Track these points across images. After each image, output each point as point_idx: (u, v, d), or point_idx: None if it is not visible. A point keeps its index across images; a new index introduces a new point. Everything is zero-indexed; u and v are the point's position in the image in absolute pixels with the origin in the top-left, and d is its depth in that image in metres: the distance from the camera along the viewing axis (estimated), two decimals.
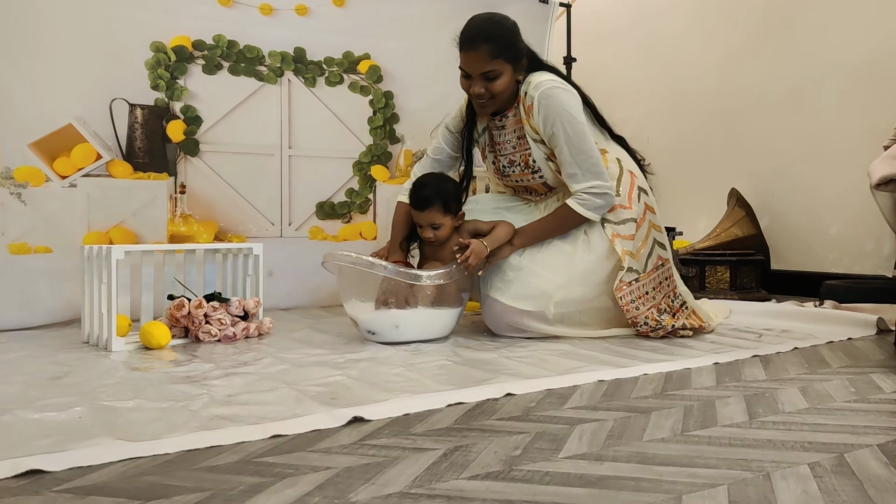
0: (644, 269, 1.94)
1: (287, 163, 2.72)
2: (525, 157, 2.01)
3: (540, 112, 1.90)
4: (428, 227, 1.93)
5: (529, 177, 2.03)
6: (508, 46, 1.90)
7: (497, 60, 1.89)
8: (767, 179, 3.25)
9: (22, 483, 0.85)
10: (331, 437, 1.04)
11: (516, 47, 1.92)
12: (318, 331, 2.05)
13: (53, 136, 2.29)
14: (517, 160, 2.03)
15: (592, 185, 1.90)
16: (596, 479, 0.85)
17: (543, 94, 1.90)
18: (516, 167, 2.04)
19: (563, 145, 1.89)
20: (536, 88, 1.91)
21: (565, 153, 1.90)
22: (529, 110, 1.93)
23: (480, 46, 1.88)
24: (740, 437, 1.02)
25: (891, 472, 0.86)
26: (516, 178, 2.07)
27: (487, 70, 1.89)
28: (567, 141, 1.89)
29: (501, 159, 2.08)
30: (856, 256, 2.91)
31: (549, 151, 1.96)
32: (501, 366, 1.54)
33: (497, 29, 1.91)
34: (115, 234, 2.34)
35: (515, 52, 1.92)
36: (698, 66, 3.60)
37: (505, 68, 1.91)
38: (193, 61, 2.55)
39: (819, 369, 1.53)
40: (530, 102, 1.92)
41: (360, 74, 2.82)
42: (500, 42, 1.89)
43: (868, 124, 2.81)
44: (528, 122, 1.95)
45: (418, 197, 1.93)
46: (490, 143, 2.12)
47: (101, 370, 1.51)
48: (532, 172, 2.02)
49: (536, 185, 2.05)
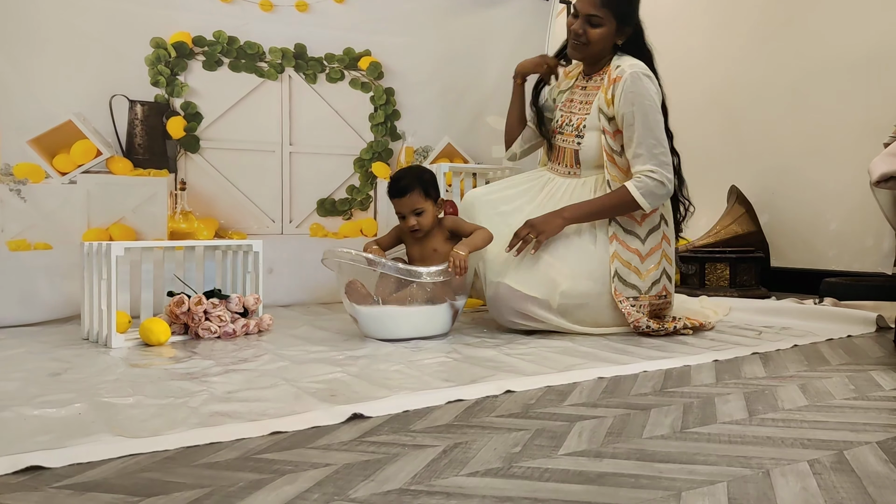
0: (646, 292, 1.96)
1: (288, 159, 2.72)
2: (581, 119, 2.05)
3: (625, 87, 1.92)
4: (411, 215, 1.93)
5: (572, 139, 2.06)
6: (621, 3, 1.96)
7: (605, 10, 1.94)
8: (767, 176, 3.25)
9: (21, 479, 0.85)
10: (330, 433, 1.04)
11: (628, 11, 1.98)
12: (317, 328, 2.05)
13: (53, 132, 2.29)
14: (574, 121, 2.07)
15: (654, 169, 1.90)
16: (595, 476, 0.85)
17: (636, 75, 1.92)
18: (570, 127, 2.08)
19: (639, 124, 1.91)
20: (632, 66, 1.94)
21: (638, 132, 1.91)
22: (614, 82, 1.96)
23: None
24: (740, 435, 1.02)
25: (890, 470, 0.86)
26: (563, 139, 2.10)
27: (593, 13, 1.95)
28: (643, 122, 1.91)
29: (566, 115, 2.11)
30: (855, 253, 2.91)
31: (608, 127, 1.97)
32: (501, 363, 1.54)
33: None
34: (115, 230, 2.33)
35: (625, 13, 1.98)
36: (699, 63, 3.59)
37: (609, 22, 1.96)
38: (194, 57, 2.55)
39: (818, 366, 1.53)
40: (618, 74, 1.95)
41: (361, 71, 2.82)
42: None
43: (868, 121, 2.81)
44: (605, 92, 1.98)
45: (397, 186, 1.94)
46: (566, 102, 2.14)
47: (101, 367, 1.51)
48: (577, 136, 2.04)
49: (571, 150, 2.06)
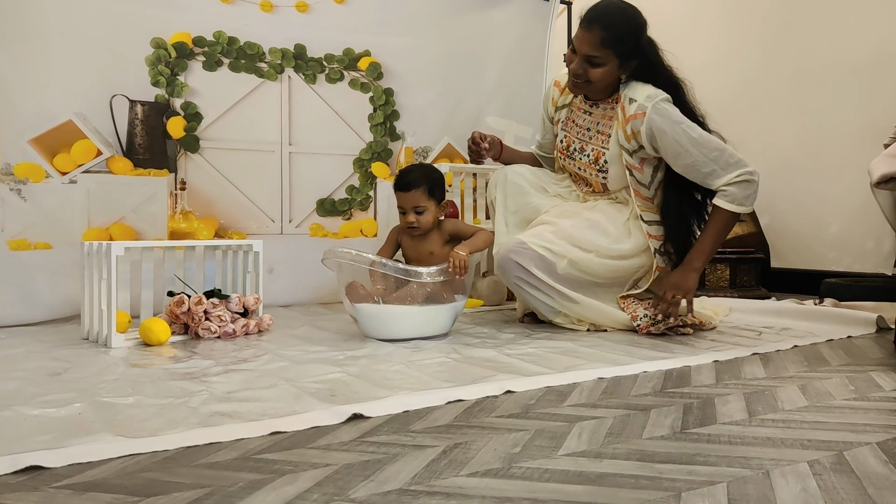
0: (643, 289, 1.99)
1: (287, 160, 2.72)
2: (598, 153, 2.00)
3: (654, 125, 1.86)
4: (411, 211, 1.93)
5: (594, 172, 2.02)
6: (623, 41, 1.87)
7: (605, 50, 1.87)
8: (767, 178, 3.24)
9: (21, 479, 0.85)
10: (330, 433, 1.04)
11: (632, 46, 1.89)
12: (317, 328, 2.05)
13: (53, 132, 2.29)
14: (588, 151, 2.02)
15: (733, 175, 1.86)
16: (595, 477, 0.85)
17: (658, 108, 1.87)
18: (585, 157, 2.04)
19: (692, 148, 1.86)
20: (649, 100, 1.88)
21: (696, 155, 1.86)
22: (631, 118, 1.90)
23: (595, 29, 1.85)
24: (740, 435, 1.02)
25: (890, 470, 0.86)
26: (579, 167, 2.06)
27: (592, 55, 1.87)
28: (694, 143, 1.86)
29: (574, 142, 2.07)
30: (856, 255, 2.91)
31: (635, 163, 1.94)
32: (501, 363, 1.54)
33: (620, 20, 1.87)
34: (115, 230, 2.34)
35: (629, 50, 1.89)
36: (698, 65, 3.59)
37: (610, 60, 1.89)
38: (194, 58, 2.55)
39: (819, 367, 1.52)
40: (638, 111, 1.88)
41: (361, 71, 2.82)
42: (615, 33, 1.86)
43: (868, 122, 2.81)
44: (622, 127, 1.92)
45: (404, 180, 1.94)
46: (568, 120, 2.10)
47: (101, 366, 1.51)
48: (598, 170, 2.01)
49: (596, 181, 2.04)
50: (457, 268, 1.82)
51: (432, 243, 1.97)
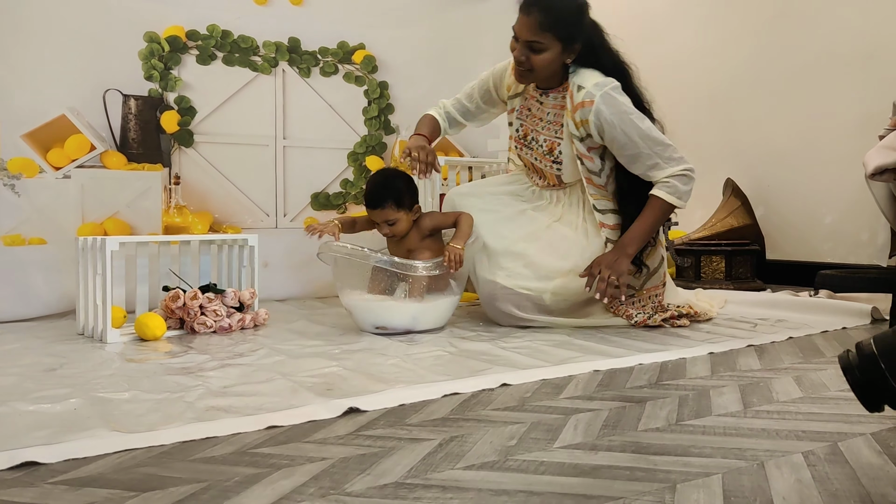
0: (641, 287, 1.98)
1: (282, 153, 2.71)
2: (552, 143, 1.96)
3: (601, 114, 1.82)
4: (384, 224, 1.93)
5: (549, 164, 1.99)
6: (564, 24, 1.81)
7: (546, 34, 1.80)
8: (762, 169, 3.26)
9: (17, 475, 0.85)
10: (326, 427, 1.04)
11: (573, 28, 1.82)
12: (313, 322, 2.05)
13: (47, 126, 2.28)
14: (542, 141, 1.98)
15: (676, 170, 1.85)
16: (591, 469, 0.85)
17: (606, 96, 1.82)
18: (540, 146, 1.99)
19: (638, 140, 1.83)
20: (597, 87, 1.83)
21: (641, 146, 1.83)
22: (579, 106, 1.85)
23: (533, 13, 1.79)
24: (734, 427, 1.02)
25: (884, 461, 0.87)
26: (535, 156, 2.02)
27: (533, 40, 1.81)
28: (640, 135, 1.83)
29: (530, 132, 2.02)
30: (851, 246, 2.92)
31: (585, 151, 1.90)
32: (497, 356, 1.54)
33: (560, 2, 1.81)
34: (110, 225, 2.33)
35: (570, 32, 1.82)
36: (693, 56, 3.59)
37: (552, 45, 1.82)
38: (187, 51, 2.54)
39: (813, 358, 1.53)
40: (585, 98, 1.84)
41: (355, 64, 2.81)
42: (555, 16, 1.79)
43: (863, 114, 2.81)
44: (571, 116, 1.88)
45: (370, 197, 1.91)
46: (523, 109, 2.05)
47: (97, 362, 1.51)
48: (553, 161, 1.97)
49: (550, 174, 2.01)
50: (452, 262, 1.82)
51: (411, 241, 1.96)
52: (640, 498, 0.76)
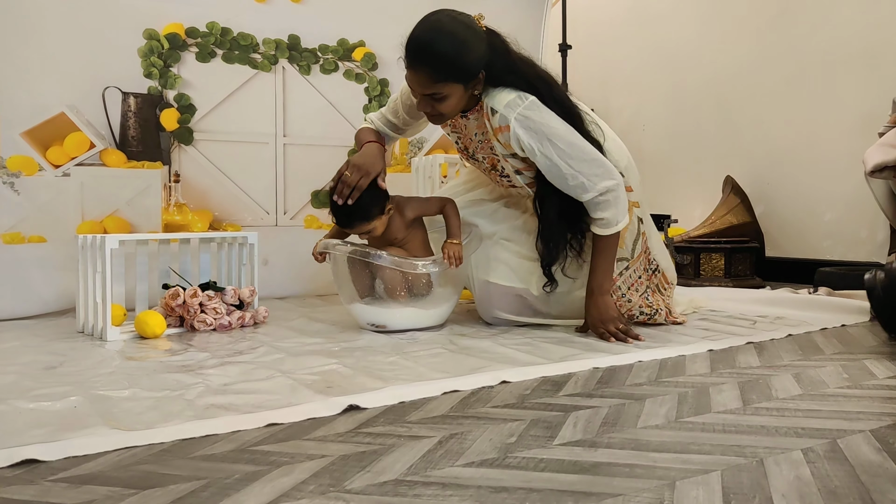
0: (633, 255, 1.93)
1: (282, 151, 2.71)
2: (492, 159, 1.88)
3: (520, 137, 1.71)
4: (362, 234, 1.87)
5: (496, 177, 1.94)
6: (456, 67, 1.66)
7: (441, 84, 1.66)
8: (762, 167, 3.26)
9: (17, 472, 0.85)
10: (326, 425, 1.04)
11: (468, 66, 1.67)
12: (313, 319, 2.05)
13: (46, 124, 2.27)
14: (481, 158, 1.91)
15: (598, 192, 1.73)
16: (590, 466, 0.85)
17: (521, 119, 1.70)
18: (484, 161, 1.92)
19: (559, 161, 1.71)
20: (509, 109, 1.70)
21: (563, 168, 1.72)
22: (500, 130, 1.74)
23: (421, 69, 1.66)
24: (734, 424, 1.02)
25: (883, 458, 0.87)
26: (483, 168, 1.96)
27: (431, 92, 1.68)
28: (562, 156, 1.71)
29: (469, 146, 1.93)
30: (850, 244, 2.92)
31: (521, 165, 1.83)
32: (496, 353, 1.54)
33: (445, 47, 1.65)
34: (110, 223, 2.33)
35: (466, 70, 1.68)
36: (694, 54, 3.59)
37: (453, 90, 1.68)
38: (187, 49, 2.54)
39: (813, 356, 1.53)
40: (500, 124, 1.73)
41: (356, 62, 2.81)
42: (444, 63, 1.65)
43: (863, 111, 2.81)
44: (495, 138, 1.78)
45: (338, 222, 1.84)
46: (455, 124, 1.93)
47: (96, 360, 1.51)
48: (500, 175, 1.91)
49: (503, 183, 1.96)
50: (452, 259, 1.82)
51: (395, 232, 1.90)
52: (639, 495, 0.76)
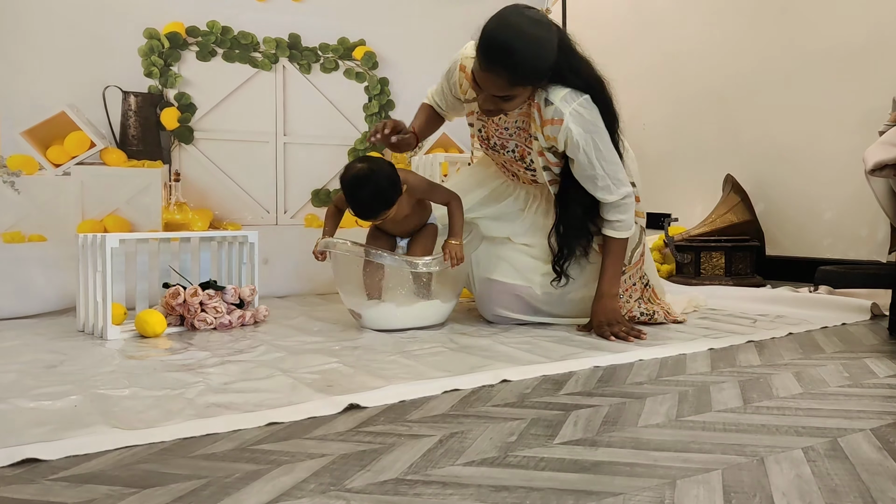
0: (630, 261, 1.94)
1: (282, 150, 2.71)
2: (523, 150, 1.90)
3: (570, 134, 1.74)
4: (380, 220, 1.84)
5: (521, 169, 1.94)
6: (534, 72, 1.67)
7: (515, 88, 1.67)
8: (763, 165, 3.25)
9: (18, 472, 0.85)
10: (327, 424, 1.04)
11: (544, 70, 1.68)
12: (313, 318, 2.05)
13: (46, 123, 2.27)
14: (512, 148, 1.92)
15: (619, 196, 1.80)
16: (591, 465, 0.85)
17: (576, 115, 1.73)
18: (509, 153, 1.93)
19: (595, 161, 1.76)
20: (566, 104, 1.73)
21: (597, 168, 1.77)
22: (548, 123, 1.75)
23: (500, 72, 1.64)
24: (734, 423, 1.02)
25: (883, 457, 0.87)
26: (504, 161, 1.97)
27: (503, 95, 1.69)
28: (599, 157, 1.76)
29: (493, 137, 1.94)
30: (850, 242, 2.91)
31: (554, 160, 1.85)
32: (497, 352, 1.54)
33: (526, 53, 1.63)
34: (110, 222, 2.33)
35: (541, 75, 1.69)
36: (694, 51, 3.59)
37: (524, 91, 1.71)
38: (187, 48, 2.54)
39: (813, 354, 1.53)
40: (553, 116, 1.74)
41: (356, 61, 2.81)
42: (523, 69, 1.64)
43: (863, 110, 2.81)
44: (540, 130, 1.80)
45: (361, 213, 1.80)
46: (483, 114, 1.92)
47: (97, 359, 1.51)
48: (526, 168, 1.92)
49: (525, 176, 1.97)
50: (453, 258, 1.82)
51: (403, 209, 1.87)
52: (639, 494, 0.76)
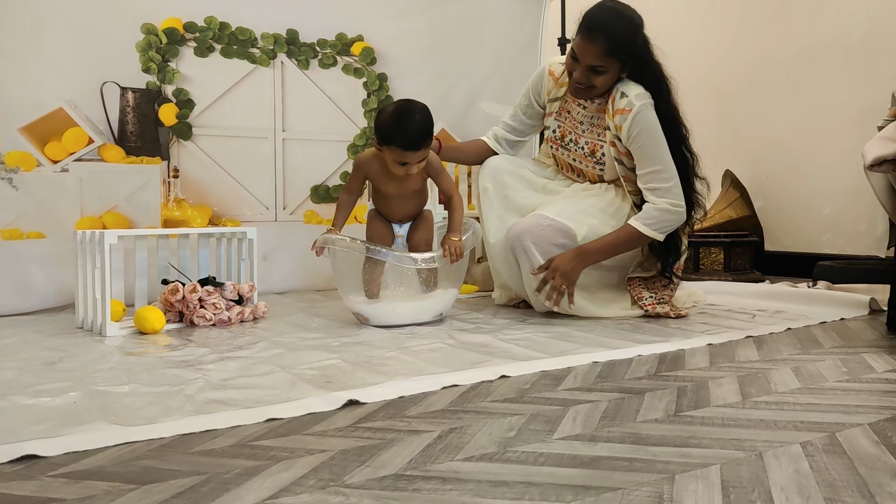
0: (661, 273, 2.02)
1: (281, 146, 2.71)
2: (594, 145, 2.01)
3: (633, 122, 1.88)
4: (414, 164, 1.81)
5: (591, 164, 2.03)
6: (625, 47, 1.87)
7: (609, 59, 1.86)
8: (761, 161, 3.25)
9: (17, 468, 0.85)
10: (326, 420, 1.04)
11: (632, 49, 1.89)
12: (312, 314, 2.05)
13: (44, 120, 2.27)
14: (583, 143, 2.03)
15: (669, 202, 1.89)
16: (590, 460, 0.85)
17: (644, 109, 1.88)
18: (580, 148, 2.04)
19: (655, 157, 1.89)
20: (639, 98, 1.89)
21: (656, 165, 1.89)
22: (618, 112, 1.91)
23: (598, 40, 1.84)
24: (733, 418, 1.02)
25: (881, 451, 0.87)
26: (574, 157, 2.06)
27: (597, 65, 1.87)
28: (657, 155, 1.89)
29: (568, 133, 2.06)
30: (849, 237, 2.92)
31: (623, 151, 1.95)
32: (496, 348, 1.54)
33: (621, 27, 1.86)
34: (109, 218, 2.32)
35: (629, 53, 1.88)
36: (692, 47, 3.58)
37: (613, 67, 1.89)
38: (185, 44, 2.53)
39: (812, 349, 1.53)
40: (624, 106, 1.90)
41: (354, 56, 2.80)
42: (618, 41, 1.85)
43: (862, 105, 2.81)
44: (612, 119, 1.93)
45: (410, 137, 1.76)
46: (562, 111, 2.08)
47: (96, 355, 1.51)
48: (595, 162, 2.02)
49: (591, 173, 2.05)
50: (452, 255, 1.82)
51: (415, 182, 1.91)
52: (638, 489, 0.76)
